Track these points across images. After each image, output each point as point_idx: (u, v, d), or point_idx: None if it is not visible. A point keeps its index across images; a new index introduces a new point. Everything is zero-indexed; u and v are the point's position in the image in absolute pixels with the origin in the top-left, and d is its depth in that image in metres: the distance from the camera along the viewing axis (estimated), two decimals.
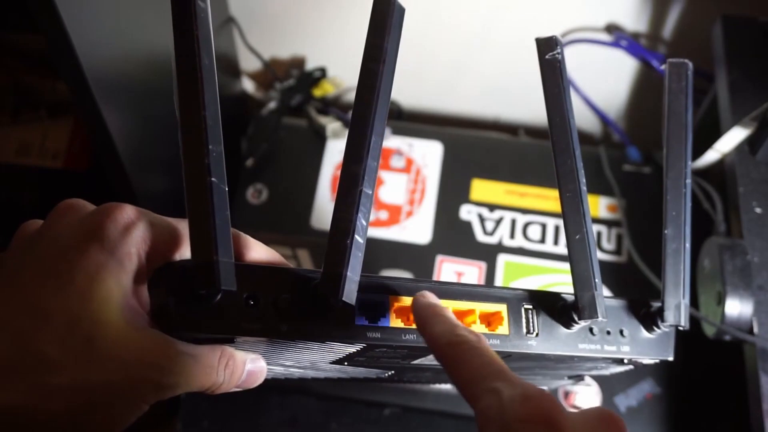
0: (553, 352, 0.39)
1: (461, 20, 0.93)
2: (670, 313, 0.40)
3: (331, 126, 0.92)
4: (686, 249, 0.40)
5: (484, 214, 0.88)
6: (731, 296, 0.60)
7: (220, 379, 0.35)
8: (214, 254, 0.30)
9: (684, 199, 0.41)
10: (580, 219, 0.38)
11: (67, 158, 0.86)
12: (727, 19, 0.76)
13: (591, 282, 0.37)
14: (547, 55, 0.40)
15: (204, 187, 0.31)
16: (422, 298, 0.34)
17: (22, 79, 0.89)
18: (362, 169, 0.33)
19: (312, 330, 0.34)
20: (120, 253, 0.31)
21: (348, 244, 0.32)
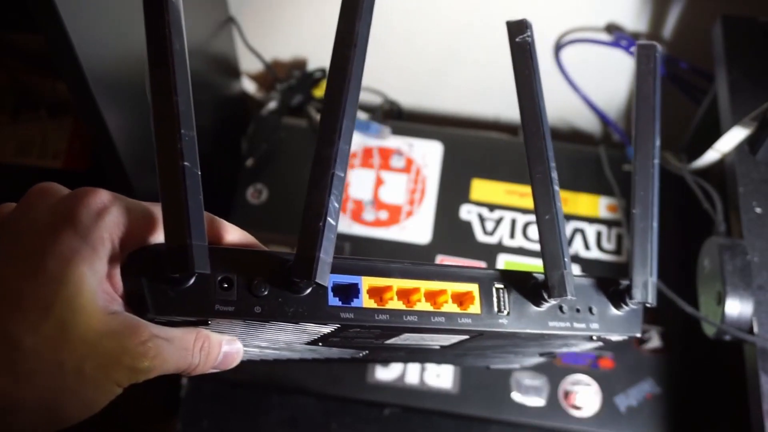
0: (523, 330, 0.39)
1: (461, 21, 0.93)
2: (638, 291, 0.41)
3: None
4: (654, 228, 0.41)
5: (484, 214, 0.88)
6: (731, 296, 0.60)
7: (195, 360, 0.35)
8: (187, 237, 0.30)
9: (652, 179, 0.41)
10: (549, 200, 0.39)
11: (67, 158, 0.86)
12: (727, 19, 0.76)
13: (560, 261, 0.38)
14: (517, 38, 0.41)
15: (177, 172, 0.31)
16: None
17: (22, 79, 0.89)
18: (334, 153, 0.34)
19: (286, 312, 0.34)
20: (93, 238, 0.31)
21: (321, 227, 0.33)
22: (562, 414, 0.78)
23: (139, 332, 0.31)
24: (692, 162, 0.77)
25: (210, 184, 1.04)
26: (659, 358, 0.80)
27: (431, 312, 0.37)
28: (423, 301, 0.37)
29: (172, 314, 0.32)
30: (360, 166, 0.91)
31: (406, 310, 0.37)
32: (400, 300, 0.37)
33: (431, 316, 0.37)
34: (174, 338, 0.33)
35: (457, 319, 0.38)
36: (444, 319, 0.38)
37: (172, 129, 0.31)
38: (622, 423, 0.77)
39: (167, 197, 0.31)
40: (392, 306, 0.37)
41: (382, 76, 1.01)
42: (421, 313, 0.37)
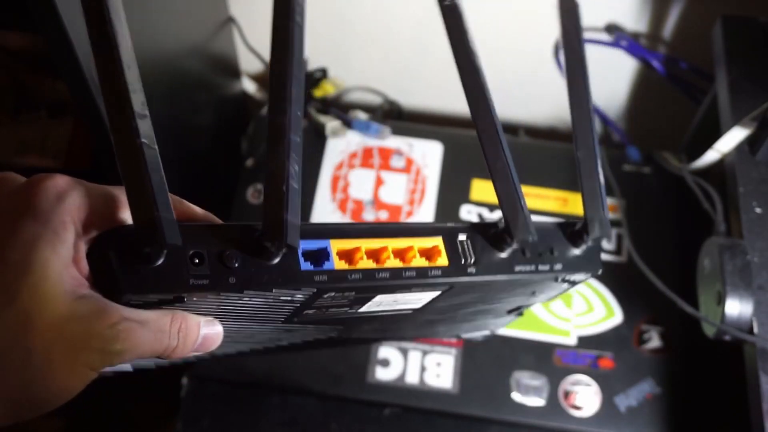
0: (492, 277, 0.40)
1: None
2: (593, 228, 0.42)
3: (331, 126, 0.92)
4: (598, 166, 0.43)
5: (484, 214, 0.88)
6: (731, 296, 0.60)
7: (173, 342, 0.34)
8: (154, 210, 0.30)
9: (589, 120, 0.44)
10: (498, 148, 0.41)
11: (67, 158, 0.86)
12: (727, 19, 0.76)
13: (517, 203, 0.40)
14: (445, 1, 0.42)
15: (135, 150, 0.31)
16: None
17: (22, 79, 0.89)
18: (287, 119, 0.34)
19: (260, 279, 0.34)
20: (54, 222, 0.31)
21: (284, 191, 0.33)
22: (562, 414, 0.78)
23: (108, 315, 0.31)
24: (692, 162, 0.77)
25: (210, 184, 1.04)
26: (659, 358, 0.80)
27: (402, 268, 0.38)
28: (392, 259, 0.38)
29: (146, 292, 0.32)
30: (360, 166, 0.91)
31: (378, 269, 0.37)
32: (370, 259, 0.37)
33: (402, 272, 0.38)
34: (148, 320, 0.33)
35: (427, 272, 0.39)
36: (415, 273, 0.38)
37: (124, 109, 0.31)
38: (622, 423, 0.77)
39: (129, 175, 0.31)
40: (363, 266, 0.37)
41: (382, 76, 1.01)
42: (392, 270, 0.38)
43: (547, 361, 0.80)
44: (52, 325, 0.30)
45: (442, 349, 0.80)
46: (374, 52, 0.98)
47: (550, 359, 0.80)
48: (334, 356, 0.80)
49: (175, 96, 0.80)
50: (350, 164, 0.91)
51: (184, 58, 0.81)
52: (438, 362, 0.80)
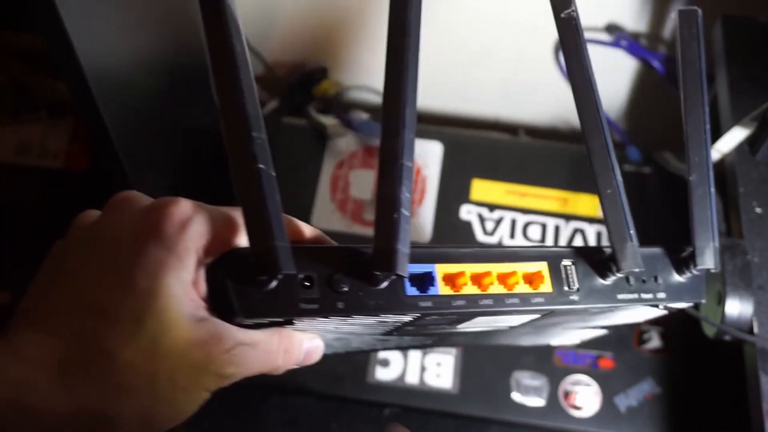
0: (595, 305, 0.40)
1: (461, 21, 0.93)
2: (702, 257, 0.41)
3: (331, 126, 0.92)
4: (711, 193, 0.41)
5: (484, 214, 0.88)
6: (731, 296, 0.60)
7: (279, 362, 0.36)
8: (271, 239, 0.31)
9: (705, 145, 0.42)
10: (610, 173, 0.39)
11: (67, 158, 0.86)
12: (727, 19, 0.76)
13: (626, 233, 0.39)
14: (562, 13, 0.41)
15: (253, 175, 0.31)
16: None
17: (22, 79, 0.89)
18: (400, 143, 0.34)
19: (367, 305, 0.34)
20: (179, 249, 0.31)
21: (396, 219, 0.33)
22: (562, 414, 0.78)
23: (224, 340, 0.32)
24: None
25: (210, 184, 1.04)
26: (659, 358, 0.80)
27: (505, 294, 0.38)
28: (496, 284, 0.38)
29: (259, 316, 0.33)
30: (360, 166, 0.91)
31: (481, 294, 0.37)
32: (474, 285, 0.37)
33: (505, 298, 0.38)
34: (258, 342, 0.34)
35: (530, 299, 0.38)
36: (518, 300, 0.38)
37: (243, 133, 0.31)
38: (622, 423, 0.77)
39: (247, 201, 0.31)
40: (467, 291, 0.37)
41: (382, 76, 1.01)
42: (496, 296, 0.37)
43: (547, 361, 0.80)
44: (176, 350, 0.31)
45: (442, 349, 0.80)
46: (374, 52, 0.98)
47: (550, 359, 0.80)
48: (335, 356, 0.80)
49: (175, 96, 0.80)
50: (350, 164, 0.91)
51: (184, 58, 0.81)
52: (438, 362, 0.80)
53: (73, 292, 0.31)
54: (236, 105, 0.31)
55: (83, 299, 0.31)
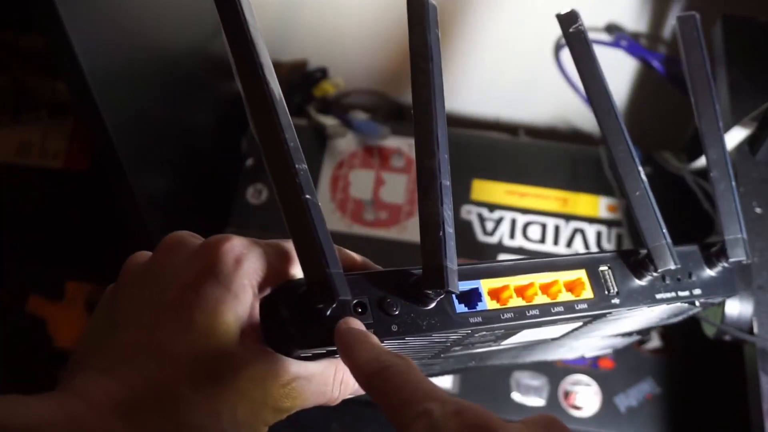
0: (635, 306, 0.41)
1: (461, 21, 0.93)
2: (733, 250, 0.42)
3: (331, 126, 0.92)
4: (733, 187, 0.43)
5: (484, 214, 0.88)
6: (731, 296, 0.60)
7: (336, 394, 0.36)
8: (326, 268, 0.31)
9: (721, 141, 0.43)
10: (636, 176, 0.41)
11: (67, 158, 0.86)
12: (727, 19, 0.76)
13: (660, 232, 0.40)
14: (570, 28, 0.42)
15: (301, 206, 0.32)
16: (344, 324, 0.33)
17: (22, 79, 0.89)
18: (437, 163, 0.35)
19: (420, 326, 0.35)
20: (235, 286, 0.32)
21: (441, 237, 0.34)
22: (562, 414, 0.78)
23: (281, 375, 0.33)
24: (692, 162, 0.77)
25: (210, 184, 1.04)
26: (659, 358, 0.80)
27: (550, 304, 0.39)
28: (540, 295, 0.38)
29: (316, 346, 0.33)
30: (360, 166, 0.91)
31: (527, 306, 0.38)
32: (519, 297, 0.38)
33: (551, 308, 0.38)
34: (314, 375, 0.34)
35: (574, 306, 0.39)
36: (563, 308, 0.39)
37: (286, 166, 0.32)
38: (622, 423, 0.77)
39: (297, 233, 0.32)
40: (513, 304, 0.38)
41: (382, 76, 1.01)
42: (541, 306, 0.38)
43: (547, 361, 0.80)
44: (235, 389, 0.31)
45: None
46: (374, 52, 0.98)
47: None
48: None
49: (175, 96, 0.80)
50: (350, 164, 0.91)
51: (184, 58, 0.81)
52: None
53: (133, 334, 0.32)
54: (277, 140, 0.32)
55: (143, 341, 0.31)
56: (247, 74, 0.33)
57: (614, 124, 0.41)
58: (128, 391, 0.30)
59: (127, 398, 0.30)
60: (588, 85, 0.41)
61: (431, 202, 0.34)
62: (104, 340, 0.32)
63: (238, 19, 0.33)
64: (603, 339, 0.55)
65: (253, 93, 0.33)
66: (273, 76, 0.33)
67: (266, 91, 0.33)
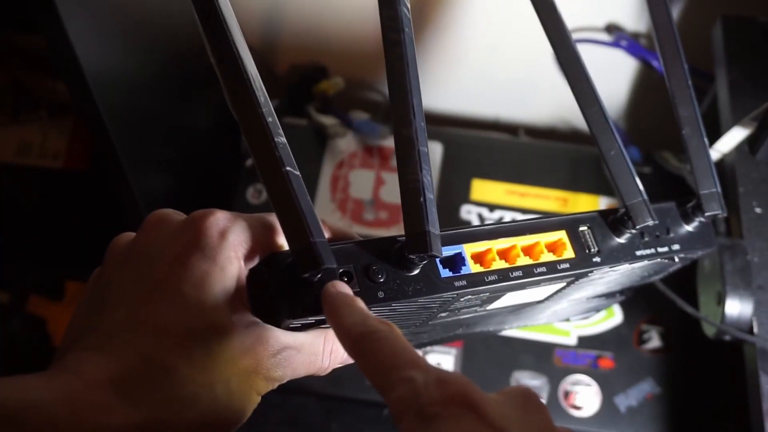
0: (616, 264, 0.41)
1: (461, 21, 0.93)
2: (709, 204, 0.43)
3: (331, 126, 0.92)
4: (705, 143, 0.44)
5: (484, 214, 0.88)
6: (731, 296, 0.60)
7: (326, 364, 0.36)
8: (309, 236, 0.32)
9: (692, 101, 0.44)
10: (610, 136, 0.42)
11: (67, 158, 0.86)
12: (727, 19, 0.76)
13: (636, 189, 0.41)
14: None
15: (282, 178, 0.32)
16: (332, 288, 0.33)
17: (22, 79, 0.89)
18: (414, 131, 0.35)
19: (406, 291, 0.35)
20: (221, 259, 0.32)
21: (422, 202, 0.34)
22: (562, 414, 0.78)
23: (271, 345, 0.33)
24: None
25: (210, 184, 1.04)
26: (659, 358, 0.80)
27: (532, 265, 0.39)
28: (522, 256, 0.39)
29: (304, 316, 0.33)
30: (360, 166, 0.91)
31: (511, 267, 0.39)
32: (502, 259, 0.39)
33: (533, 269, 0.39)
34: (303, 345, 0.35)
35: (556, 266, 0.40)
36: (545, 269, 0.39)
37: (266, 140, 0.33)
38: (622, 423, 0.77)
39: (280, 204, 0.32)
40: (497, 266, 0.38)
41: (383, 75, 1.01)
42: (524, 267, 0.39)
43: (547, 361, 0.80)
44: (228, 358, 0.32)
45: (442, 349, 0.80)
46: (374, 52, 0.98)
47: (550, 359, 0.80)
48: None
49: (175, 96, 0.80)
50: (350, 164, 0.91)
51: (184, 58, 0.81)
52: (438, 362, 0.80)
53: (123, 311, 0.32)
54: (255, 115, 0.33)
55: (134, 317, 0.32)
56: (222, 53, 0.33)
57: (586, 87, 0.42)
58: (122, 366, 0.30)
59: (121, 373, 0.30)
60: (558, 50, 0.42)
61: (411, 170, 0.34)
62: (94, 320, 0.33)
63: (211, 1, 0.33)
64: (587, 301, 0.56)
65: (228, 70, 0.33)
66: (248, 54, 0.34)
67: (242, 67, 0.33)
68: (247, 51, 0.34)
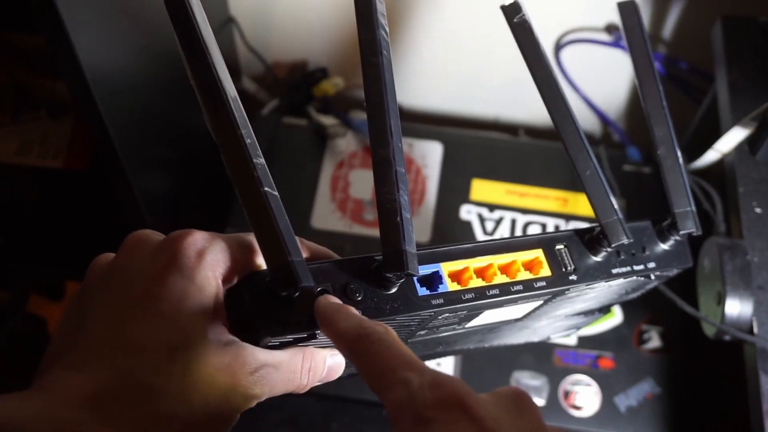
0: (593, 282, 0.42)
1: (461, 21, 0.93)
2: (684, 222, 0.43)
3: (331, 126, 0.92)
4: (680, 162, 0.44)
5: (484, 214, 0.88)
6: (731, 296, 0.60)
7: (304, 381, 0.36)
8: (287, 255, 0.32)
9: (667, 120, 0.45)
10: (586, 156, 0.42)
11: (67, 158, 0.86)
12: (727, 19, 0.76)
13: (611, 208, 0.41)
14: (515, 19, 0.44)
15: (260, 199, 0.33)
16: (324, 299, 0.34)
17: (22, 79, 0.89)
18: (391, 151, 0.36)
19: (384, 309, 0.36)
20: (199, 278, 0.33)
21: (399, 222, 0.35)
22: (562, 414, 0.78)
23: (248, 363, 0.33)
24: (692, 162, 0.77)
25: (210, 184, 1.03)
26: (659, 358, 0.80)
27: (509, 283, 0.40)
28: (499, 275, 0.40)
29: (282, 334, 0.33)
30: (360, 166, 0.91)
31: (488, 285, 0.39)
32: (479, 278, 0.39)
33: (511, 286, 0.40)
34: (281, 363, 0.35)
35: (533, 284, 0.40)
36: (522, 287, 0.40)
37: (245, 161, 0.33)
38: (622, 423, 0.77)
39: (258, 224, 0.33)
40: (474, 285, 0.39)
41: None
42: (501, 285, 0.39)
43: (547, 361, 0.80)
44: (205, 376, 0.32)
45: None
46: None
47: (550, 359, 0.80)
48: None
49: (175, 96, 0.80)
50: (350, 164, 0.91)
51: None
52: (438, 362, 0.80)
53: (102, 330, 0.32)
54: (234, 136, 0.33)
55: (112, 335, 0.32)
56: (200, 72, 0.33)
57: (562, 108, 0.43)
58: (98, 384, 0.31)
59: (97, 391, 0.30)
60: (535, 72, 0.43)
61: (388, 189, 0.35)
62: (73, 339, 0.33)
63: (188, 18, 0.34)
64: (566, 319, 0.56)
65: (207, 91, 0.33)
66: (226, 73, 0.34)
67: (220, 88, 0.33)
68: (225, 71, 0.34)
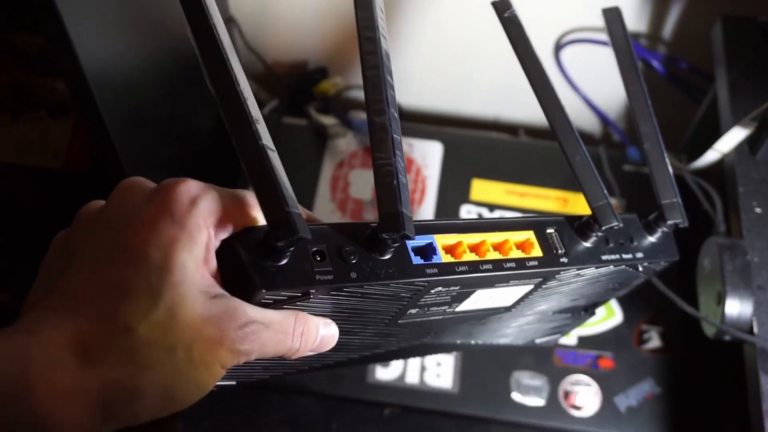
0: (582, 265, 0.43)
1: (461, 21, 0.93)
2: (670, 213, 0.45)
3: (331, 126, 0.92)
4: (665, 156, 0.46)
5: (484, 214, 0.88)
6: (731, 296, 0.60)
7: (296, 345, 0.36)
8: (285, 206, 0.32)
9: (651, 116, 0.46)
10: (575, 143, 0.44)
11: (67, 158, 0.86)
12: (727, 19, 0.76)
13: (601, 193, 0.43)
14: (505, 14, 0.46)
15: (259, 151, 0.33)
16: None
17: (22, 79, 0.89)
18: (387, 119, 0.36)
19: (378, 274, 0.36)
20: (190, 225, 0.32)
21: (396, 185, 0.35)
22: (562, 414, 0.78)
23: (237, 316, 0.32)
24: (692, 162, 0.77)
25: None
26: (659, 358, 0.80)
27: (502, 259, 0.40)
28: (492, 251, 0.40)
29: (279, 288, 0.33)
30: (360, 166, 0.91)
31: (481, 260, 0.39)
32: (473, 253, 0.39)
33: (503, 263, 0.40)
34: (273, 322, 0.34)
35: (525, 263, 0.41)
36: (514, 264, 0.40)
37: (244, 115, 0.33)
38: (622, 423, 0.77)
39: (257, 176, 0.33)
40: (467, 258, 0.39)
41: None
42: (494, 261, 0.40)
43: (547, 361, 0.80)
44: (191, 324, 0.31)
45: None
46: None
47: (550, 359, 0.80)
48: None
49: (176, 96, 0.80)
50: (350, 164, 0.91)
51: (184, 58, 0.81)
52: (438, 362, 0.80)
53: (87, 273, 0.32)
54: (232, 91, 0.33)
55: (98, 278, 0.31)
56: (201, 30, 0.33)
57: (552, 98, 0.44)
58: (79, 325, 0.30)
59: (80, 333, 0.30)
60: (525, 65, 0.44)
61: (384, 154, 0.35)
62: (56, 282, 0.32)
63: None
64: (552, 316, 0.56)
65: (207, 48, 0.33)
66: (225, 33, 0.34)
67: (220, 45, 0.33)
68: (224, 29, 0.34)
